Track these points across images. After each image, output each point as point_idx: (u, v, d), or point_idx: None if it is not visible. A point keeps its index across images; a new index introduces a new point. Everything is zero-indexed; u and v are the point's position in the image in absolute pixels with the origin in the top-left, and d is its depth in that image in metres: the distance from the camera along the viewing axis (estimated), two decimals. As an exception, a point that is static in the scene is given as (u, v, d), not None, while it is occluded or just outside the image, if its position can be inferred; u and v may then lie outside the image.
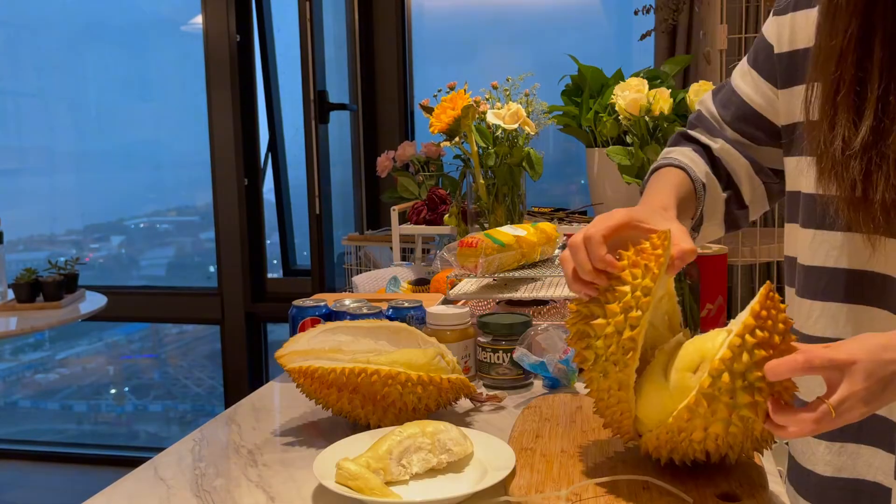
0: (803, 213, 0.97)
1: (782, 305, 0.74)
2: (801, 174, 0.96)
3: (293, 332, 1.26)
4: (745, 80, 1.06)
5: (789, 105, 0.99)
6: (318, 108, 2.86)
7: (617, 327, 0.79)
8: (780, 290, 2.70)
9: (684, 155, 1.08)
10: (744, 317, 0.73)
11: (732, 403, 0.72)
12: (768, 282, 0.74)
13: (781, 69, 1.00)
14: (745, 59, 1.08)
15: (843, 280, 0.93)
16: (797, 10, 0.97)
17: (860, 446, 0.94)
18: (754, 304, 0.73)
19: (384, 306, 1.27)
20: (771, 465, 0.91)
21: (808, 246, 0.96)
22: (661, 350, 0.84)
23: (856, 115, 0.84)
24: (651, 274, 0.79)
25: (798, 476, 1.03)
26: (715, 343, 0.76)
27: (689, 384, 0.76)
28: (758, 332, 0.72)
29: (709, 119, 1.11)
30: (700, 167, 1.07)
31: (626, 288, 0.80)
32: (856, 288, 0.92)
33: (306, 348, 1.07)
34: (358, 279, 1.84)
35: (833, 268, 0.93)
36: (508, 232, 1.44)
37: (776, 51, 1.00)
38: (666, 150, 1.13)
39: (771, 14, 1.02)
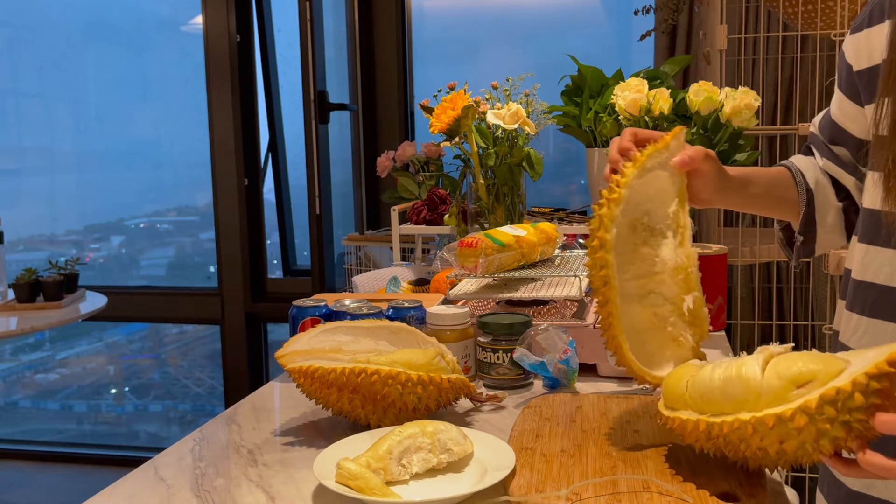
0: (861, 226, 0.97)
1: None
2: (867, 188, 0.97)
3: (293, 332, 1.26)
4: (835, 102, 1.07)
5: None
6: (318, 108, 2.86)
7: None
8: (780, 291, 2.69)
9: (799, 160, 1.14)
10: (877, 358, 0.70)
11: (825, 431, 0.71)
12: None
13: (863, 86, 0.99)
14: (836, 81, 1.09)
15: (893, 299, 0.92)
16: (872, 26, 0.96)
17: None
18: (893, 353, 0.70)
19: (384, 306, 1.27)
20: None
21: (860, 260, 0.96)
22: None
23: None
24: (649, 148, 0.93)
25: (830, 487, 1.03)
26: (830, 367, 0.73)
27: (789, 396, 0.74)
28: (885, 381, 0.70)
29: (816, 138, 1.14)
30: (810, 173, 1.11)
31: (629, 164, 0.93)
32: None
33: (306, 348, 1.08)
34: (358, 279, 1.85)
35: (883, 285, 0.92)
36: (508, 232, 1.44)
37: (855, 69, 1.00)
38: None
39: (848, 33, 1.03)
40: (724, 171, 1.04)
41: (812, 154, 1.15)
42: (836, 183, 1.11)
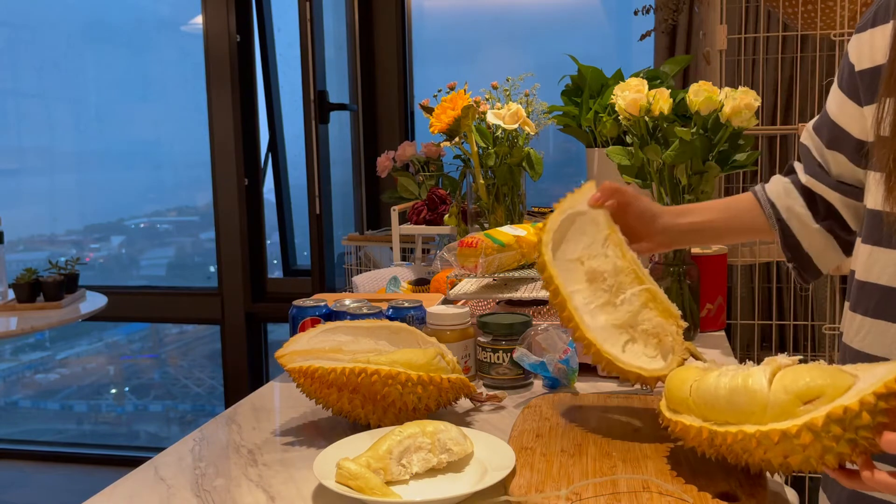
0: (865, 227, 0.97)
1: None
2: (869, 189, 0.96)
3: (293, 332, 1.26)
4: (834, 101, 1.06)
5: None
6: (318, 108, 2.86)
7: None
8: (780, 291, 2.68)
9: (771, 187, 1.16)
10: (886, 376, 0.69)
11: (830, 448, 0.71)
12: None
13: (864, 86, 0.99)
14: (835, 80, 1.08)
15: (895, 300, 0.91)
16: (876, 26, 0.96)
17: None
18: None
19: (384, 306, 1.27)
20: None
21: (864, 261, 0.96)
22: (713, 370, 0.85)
23: None
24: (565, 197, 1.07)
25: (832, 487, 1.03)
26: (838, 383, 0.73)
27: (795, 411, 0.73)
28: (893, 400, 0.69)
29: (807, 147, 1.13)
30: (781, 202, 1.13)
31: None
32: None
33: (306, 348, 1.08)
34: (358, 279, 1.85)
35: (886, 286, 0.92)
36: (508, 232, 1.44)
37: (857, 69, 0.99)
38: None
39: (853, 32, 1.02)
40: (647, 201, 1.11)
41: (793, 173, 1.14)
42: (814, 204, 1.10)
